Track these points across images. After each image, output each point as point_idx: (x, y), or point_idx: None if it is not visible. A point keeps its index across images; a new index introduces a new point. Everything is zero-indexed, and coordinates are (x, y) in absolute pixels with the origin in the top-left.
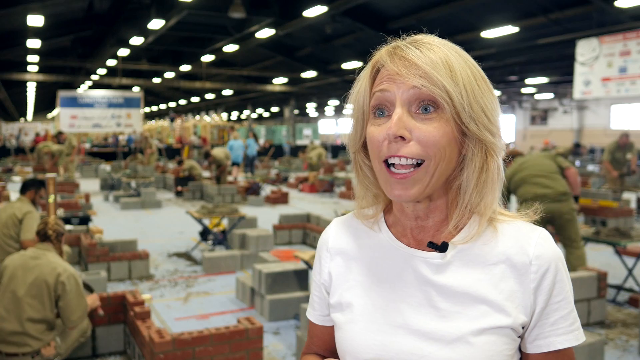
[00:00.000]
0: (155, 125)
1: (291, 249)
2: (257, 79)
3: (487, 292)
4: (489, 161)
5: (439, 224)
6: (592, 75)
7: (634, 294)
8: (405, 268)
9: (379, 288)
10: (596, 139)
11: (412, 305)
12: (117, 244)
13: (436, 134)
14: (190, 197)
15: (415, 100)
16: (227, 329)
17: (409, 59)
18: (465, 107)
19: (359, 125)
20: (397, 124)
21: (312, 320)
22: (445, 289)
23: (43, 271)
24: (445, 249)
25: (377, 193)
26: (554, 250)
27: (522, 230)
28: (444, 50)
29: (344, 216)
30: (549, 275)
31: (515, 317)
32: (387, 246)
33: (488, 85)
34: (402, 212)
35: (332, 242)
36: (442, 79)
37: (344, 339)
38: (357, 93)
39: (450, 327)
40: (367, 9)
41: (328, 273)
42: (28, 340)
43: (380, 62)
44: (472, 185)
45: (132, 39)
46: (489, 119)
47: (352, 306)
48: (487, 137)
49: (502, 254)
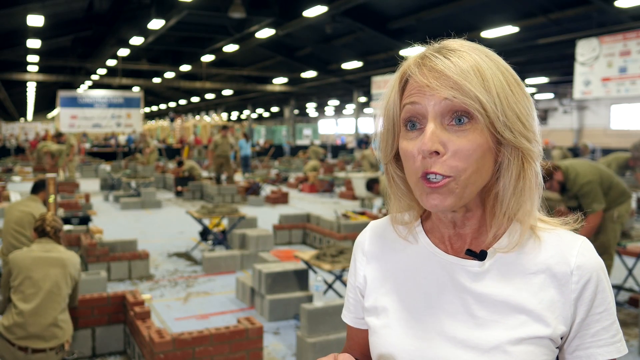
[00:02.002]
0: (155, 125)
1: (291, 249)
2: (257, 79)
3: (526, 301)
4: (526, 168)
5: (476, 231)
6: (592, 75)
7: (634, 294)
8: (442, 275)
9: (416, 294)
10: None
11: (449, 313)
12: (117, 244)
13: (470, 147)
14: (190, 197)
15: (447, 112)
16: (227, 329)
17: (438, 70)
18: (499, 116)
19: (390, 137)
20: (430, 138)
21: (348, 322)
22: (483, 297)
23: (65, 262)
24: (484, 257)
25: (410, 203)
26: (596, 260)
27: (563, 240)
28: (474, 57)
29: (380, 220)
30: (590, 286)
31: (555, 327)
32: (425, 252)
33: (522, 88)
34: (440, 219)
35: (369, 245)
36: (474, 89)
37: (379, 344)
38: (386, 104)
39: (487, 335)
40: (367, 9)
41: (363, 277)
42: (57, 332)
43: (408, 73)
44: (509, 193)
45: (132, 39)
46: (524, 125)
47: (387, 311)
48: (523, 144)
49: (543, 264)
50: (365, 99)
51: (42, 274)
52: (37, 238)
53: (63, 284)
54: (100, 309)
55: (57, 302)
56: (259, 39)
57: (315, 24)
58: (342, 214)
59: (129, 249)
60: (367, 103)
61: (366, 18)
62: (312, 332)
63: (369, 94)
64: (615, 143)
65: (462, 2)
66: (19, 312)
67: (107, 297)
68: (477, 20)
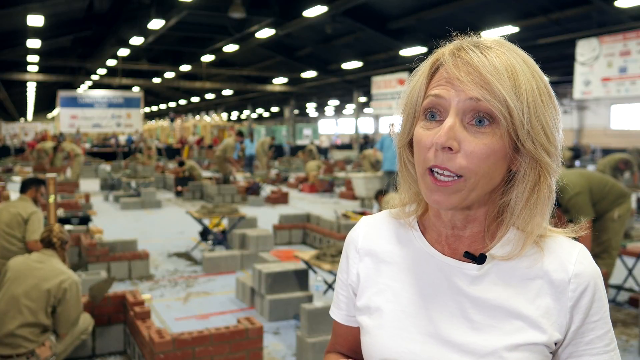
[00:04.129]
0: (155, 125)
1: (291, 249)
2: (257, 79)
3: (523, 307)
4: (542, 182)
5: (476, 234)
6: (592, 75)
7: (634, 294)
8: (438, 276)
9: (410, 294)
10: (596, 139)
11: (445, 315)
12: (117, 244)
13: (485, 151)
14: (190, 197)
15: (470, 111)
16: (227, 329)
17: (472, 64)
18: (524, 124)
19: (408, 122)
20: (447, 133)
21: (338, 320)
22: (479, 301)
23: (46, 275)
24: (483, 261)
25: (418, 192)
26: (594, 269)
27: (562, 247)
28: (510, 58)
29: (374, 215)
30: (587, 294)
31: (551, 334)
32: (420, 252)
33: (553, 100)
34: (439, 218)
35: (362, 242)
36: (504, 91)
37: (371, 344)
38: (411, 89)
39: (483, 340)
40: (367, 9)
41: (356, 274)
42: (22, 342)
43: (441, 61)
44: (521, 204)
45: (132, 39)
46: (547, 137)
47: (381, 311)
48: (543, 157)
49: (541, 270)
50: (365, 99)
51: (20, 282)
52: (43, 248)
53: (41, 297)
54: (100, 309)
55: (23, 314)
56: (259, 39)
57: (315, 24)
58: (342, 214)
59: (129, 249)
60: (367, 103)
61: (366, 18)
62: (312, 332)
63: (368, 94)
64: (615, 143)
65: (462, 2)
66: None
67: (107, 297)
68: (477, 20)
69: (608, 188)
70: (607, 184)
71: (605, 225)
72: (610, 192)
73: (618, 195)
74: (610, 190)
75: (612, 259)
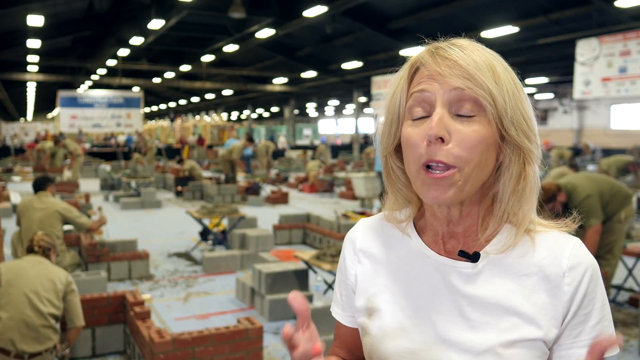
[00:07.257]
0: (155, 125)
1: (291, 249)
2: (257, 79)
3: (519, 303)
4: (527, 169)
5: (469, 230)
6: (592, 75)
7: (634, 294)
8: (435, 276)
9: (408, 295)
10: (596, 139)
11: (442, 315)
12: (117, 244)
13: (476, 137)
14: (190, 197)
15: (456, 101)
16: (227, 329)
17: (451, 59)
18: (507, 111)
19: (393, 127)
20: (438, 124)
21: (341, 321)
22: (475, 299)
23: (47, 271)
24: (477, 259)
25: (409, 196)
26: (589, 261)
27: (556, 241)
28: (485, 54)
29: (371, 217)
30: (582, 288)
31: (547, 330)
32: (417, 253)
33: (525, 94)
34: (434, 216)
35: (360, 243)
36: (486, 80)
37: (371, 345)
38: (392, 94)
39: (480, 338)
40: (367, 9)
41: (354, 275)
42: (51, 334)
43: (420, 62)
44: (509, 192)
45: (132, 39)
46: (528, 125)
47: (380, 312)
48: (525, 144)
49: (535, 266)
50: (365, 99)
51: (29, 279)
52: (31, 254)
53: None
54: (100, 309)
55: (45, 305)
56: (259, 39)
57: (315, 24)
58: (342, 214)
59: (129, 249)
60: (367, 103)
61: (366, 18)
62: None
63: (369, 94)
64: (615, 143)
65: (462, 2)
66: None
67: (107, 297)
68: (477, 20)
69: (615, 190)
70: (614, 186)
71: (612, 227)
72: (617, 194)
73: (624, 197)
74: (618, 192)
75: (616, 260)
